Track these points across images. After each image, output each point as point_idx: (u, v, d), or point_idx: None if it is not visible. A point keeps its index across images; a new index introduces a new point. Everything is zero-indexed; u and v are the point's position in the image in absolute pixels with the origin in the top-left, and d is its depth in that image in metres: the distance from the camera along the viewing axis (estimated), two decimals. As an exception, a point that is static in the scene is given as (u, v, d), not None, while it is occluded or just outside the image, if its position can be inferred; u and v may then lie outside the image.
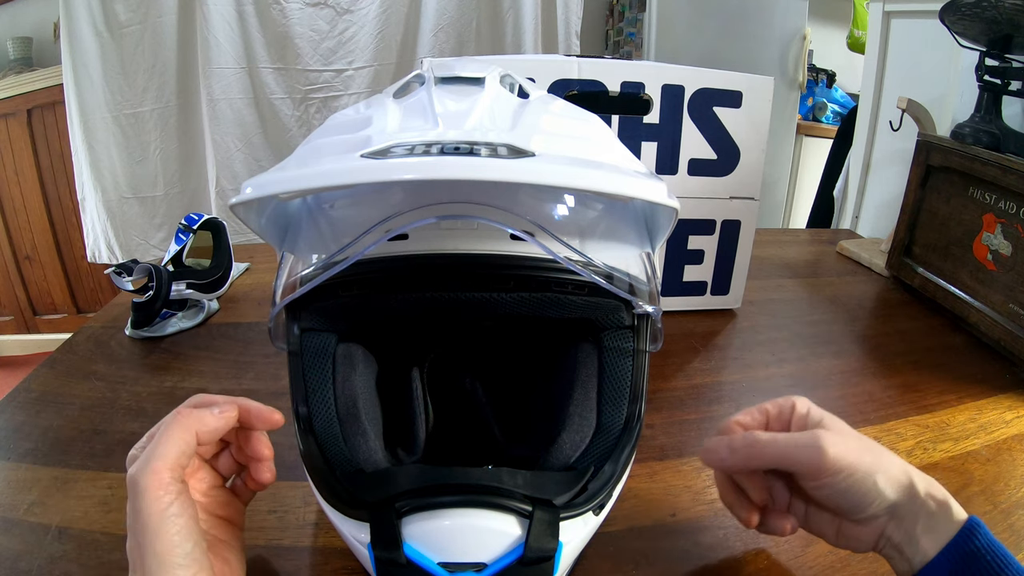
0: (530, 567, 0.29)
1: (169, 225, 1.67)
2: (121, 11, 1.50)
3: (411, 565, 0.28)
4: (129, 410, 0.54)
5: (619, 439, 0.35)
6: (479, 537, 0.29)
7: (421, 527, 0.28)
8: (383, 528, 0.29)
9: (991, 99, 0.73)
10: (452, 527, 0.28)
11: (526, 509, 0.29)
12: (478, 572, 0.28)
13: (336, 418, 0.34)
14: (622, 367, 0.36)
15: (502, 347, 0.45)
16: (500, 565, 0.28)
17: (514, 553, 0.28)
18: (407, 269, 0.32)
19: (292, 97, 1.62)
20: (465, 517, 0.29)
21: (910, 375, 0.63)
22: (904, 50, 1.02)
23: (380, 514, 0.29)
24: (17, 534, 0.40)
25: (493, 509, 0.29)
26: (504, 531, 0.29)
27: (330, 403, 0.35)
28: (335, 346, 0.36)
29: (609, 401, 0.36)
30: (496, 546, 0.28)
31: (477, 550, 0.28)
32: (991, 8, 0.66)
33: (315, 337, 0.35)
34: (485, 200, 0.29)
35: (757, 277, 0.81)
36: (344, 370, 0.36)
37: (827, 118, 2.07)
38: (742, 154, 0.68)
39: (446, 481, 0.29)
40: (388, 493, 0.29)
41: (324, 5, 1.57)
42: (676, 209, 0.30)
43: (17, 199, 1.84)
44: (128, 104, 1.57)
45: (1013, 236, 0.65)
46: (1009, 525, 0.43)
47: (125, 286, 0.65)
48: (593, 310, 0.35)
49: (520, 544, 0.28)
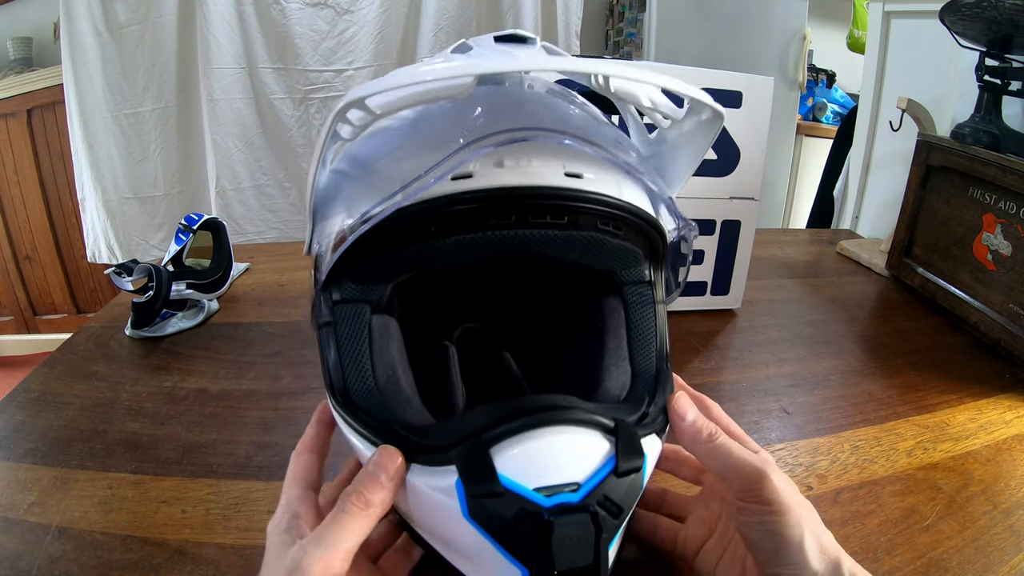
0: (623, 479, 0.29)
1: (169, 225, 1.67)
2: (121, 11, 1.50)
3: (508, 494, 0.27)
4: (129, 410, 0.54)
5: (657, 378, 0.36)
6: (571, 455, 0.29)
7: (512, 454, 0.28)
8: (474, 462, 0.28)
9: (991, 99, 0.73)
10: (544, 448, 0.28)
11: (609, 424, 0.30)
12: (574, 492, 0.28)
13: (376, 388, 0.34)
14: (646, 317, 0.38)
15: (529, 316, 0.46)
16: (594, 482, 0.28)
17: (606, 468, 0.29)
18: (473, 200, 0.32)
19: (292, 97, 1.62)
20: (555, 435, 0.29)
21: (910, 375, 0.63)
22: (904, 50, 1.02)
23: (469, 448, 0.28)
24: (17, 534, 0.40)
25: (580, 425, 0.29)
26: (594, 445, 0.29)
27: (368, 374, 0.34)
28: (369, 316, 0.35)
29: (639, 349, 0.37)
30: (588, 463, 0.29)
31: (570, 469, 0.28)
32: (991, 8, 0.66)
33: (349, 308, 0.35)
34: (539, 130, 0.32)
35: (757, 277, 0.81)
36: (381, 340, 0.35)
37: (827, 118, 2.07)
38: (742, 154, 0.68)
39: (527, 407, 0.29)
40: (471, 428, 0.29)
41: (324, 5, 1.57)
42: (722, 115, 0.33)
43: (17, 199, 1.84)
44: (128, 104, 1.57)
45: (1013, 236, 0.65)
46: (1009, 525, 0.43)
47: (125, 286, 0.65)
48: (623, 258, 0.37)
49: (611, 458, 0.29)
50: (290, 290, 0.78)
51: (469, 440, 0.28)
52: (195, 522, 0.42)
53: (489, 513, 0.27)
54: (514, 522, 0.27)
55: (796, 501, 0.30)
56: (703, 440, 0.33)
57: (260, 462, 0.47)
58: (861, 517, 0.43)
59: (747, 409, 0.56)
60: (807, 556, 0.29)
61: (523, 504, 0.27)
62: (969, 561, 0.40)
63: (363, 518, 0.28)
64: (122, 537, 0.40)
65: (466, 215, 0.32)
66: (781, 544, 0.29)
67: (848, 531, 0.42)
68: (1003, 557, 0.40)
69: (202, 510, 0.43)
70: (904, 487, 0.47)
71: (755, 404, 0.57)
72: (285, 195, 1.69)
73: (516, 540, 0.27)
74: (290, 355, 0.63)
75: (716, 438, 0.33)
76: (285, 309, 0.73)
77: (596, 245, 0.35)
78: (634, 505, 0.30)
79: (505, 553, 0.27)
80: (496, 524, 0.27)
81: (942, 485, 0.47)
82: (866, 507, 0.44)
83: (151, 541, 0.40)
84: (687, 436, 0.34)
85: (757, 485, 0.30)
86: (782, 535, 0.29)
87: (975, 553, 0.41)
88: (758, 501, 0.30)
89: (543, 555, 0.26)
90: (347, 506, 0.28)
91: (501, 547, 0.27)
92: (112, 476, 0.46)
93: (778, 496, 0.30)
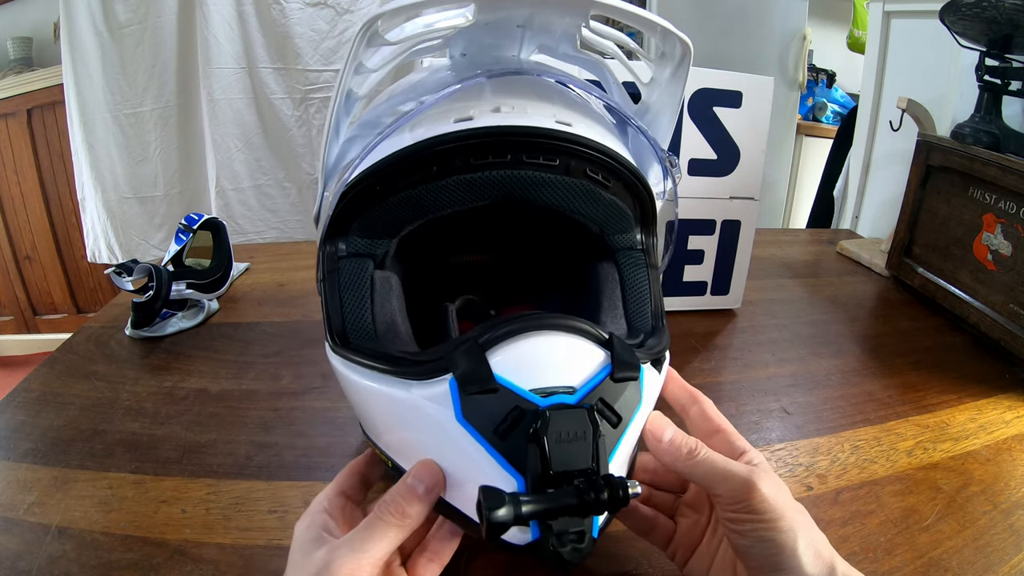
0: (619, 385, 0.29)
1: (169, 225, 1.67)
2: (121, 11, 1.50)
3: (503, 391, 0.27)
4: (129, 410, 0.54)
5: (653, 332, 0.38)
6: (568, 358, 0.29)
7: (509, 355, 0.28)
8: (470, 363, 0.28)
9: (991, 99, 0.73)
10: (541, 350, 0.28)
11: (604, 336, 0.30)
12: (570, 395, 0.27)
13: (375, 333, 0.35)
14: (639, 279, 0.39)
15: (527, 285, 0.47)
16: (590, 385, 0.28)
17: (602, 373, 0.29)
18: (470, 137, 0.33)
19: (292, 97, 1.62)
20: (551, 338, 0.29)
21: (910, 375, 0.63)
22: (904, 50, 1.02)
23: (465, 351, 0.28)
24: (17, 534, 0.40)
25: (576, 333, 0.30)
26: (590, 351, 0.29)
27: (368, 319, 0.35)
28: (372, 270, 0.37)
29: (634, 308, 0.39)
30: (584, 367, 0.29)
31: (566, 372, 0.28)
32: (991, 8, 0.66)
33: (353, 261, 0.36)
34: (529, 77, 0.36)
35: (757, 277, 0.81)
36: (382, 291, 0.37)
37: (827, 118, 2.07)
38: (742, 154, 0.68)
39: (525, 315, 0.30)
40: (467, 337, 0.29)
41: (324, 5, 1.57)
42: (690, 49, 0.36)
43: (17, 199, 1.84)
44: (128, 104, 1.57)
45: (1013, 236, 0.65)
46: (1009, 525, 0.43)
47: (125, 286, 0.65)
48: (614, 217, 0.38)
49: (607, 365, 0.29)
50: (290, 290, 0.78)
51: (465, 343, 0.28)
52: (195, 522, 0.42)
53: (483, 411, 0.27)
54: (508, 421, 0.26)
55: (787, 506, 0.30)
56: (683, 458, 0.32)
57: (260, 462, 0.47)
58: (861, 517, 0.43)
59: (747, 409, 0.56)
60: (801, 562, 0.28)
61: (518, 402, 0.27)
62: (969, 561, 0.40)
63: (397, 528, 0.28)
64: (122, 537, 0.40)
65: (464, 152, 0.34)
66: (774, 550, 0.29)
67: (848, 531, 0.42)
68: (1003, 557, 0.40)
69: (202, 510, 0.43)
70: (904, 487, 0.47)
71: (755, 404, 0.57)
72: (285, 195, 1.69)
73: (510, 443, 0.26)
74: (290, 355, 0.63)
75: (696, 453, 0.32)
76: (285, 309, 0.73)
77: (587, 194, 0.37)
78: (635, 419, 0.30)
79: (498, 457, 0.26)
80: (490, 422, 0.27)
81: (942, 485, 0.47)
82: (866, 507, 0.44)
83: (151, 541, 0.40)
84: (668, 456, 0.33)
85: (745, 496, 0.29)
86: (774, 541, 0.29)
87: (975, 553, 0.41)
88: (748, 511, 0.29)
89: (538, 455, 0.26)
90: (383, 515, 0.28)
91: (495, 450, 0.26)
92: (112, 476, 0.46)
93: (767, 504, 0.29)
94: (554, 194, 0.36)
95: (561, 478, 0.25)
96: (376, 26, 0.31)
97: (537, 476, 0.26)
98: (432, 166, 0.34)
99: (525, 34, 0.40)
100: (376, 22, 0.31)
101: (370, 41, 0.33)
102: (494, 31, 0.39)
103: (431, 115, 0.34)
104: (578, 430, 0.26)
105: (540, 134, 0.34)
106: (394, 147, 0.33)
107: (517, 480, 0.26)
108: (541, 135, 0.34)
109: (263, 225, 1.69)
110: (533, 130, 0.34)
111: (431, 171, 0.34)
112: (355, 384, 0.33)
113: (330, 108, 0.34)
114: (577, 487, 0.25)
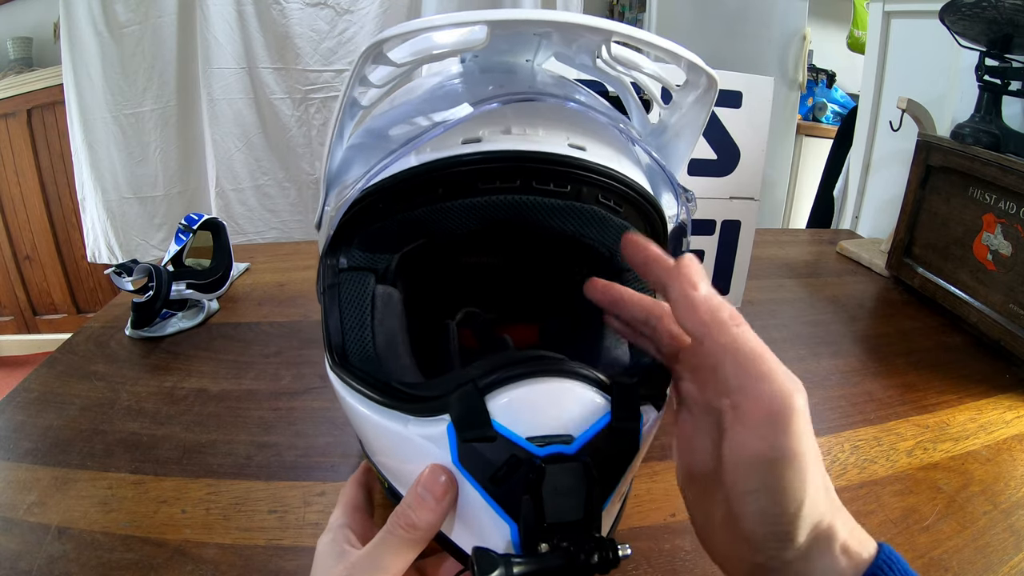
0: (619, 436, 0.28)
1: (169, 225, 1.67)
2: (121, 11, 1.50)
3: (501, 439, 0.27)
4: (129, 410, 0.54)
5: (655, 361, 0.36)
6: (566, 407, 0.28)
7: (507, 401, 0.28)
8: (468, 407, 0.27)
9: (991, 99, 0.73)
10: (539, 398, 0.28)
11: (605, 381, 0.29)
12: (567, 444, 0.27)
13: (374, 352, 0.34)
14: None
15: (530, 302, 0.47)
16: (588, 435, 0.28)
17: (601, 422, 0.28)
18: (479, 161, 0.32)
19: (292, 97, 1.62)
20: (551, 385, 0.28)
21: (910, 375, 0.63)
22: (904, 50, 1.02)
23: (464, 394, 0.28)
24: (17, 534, 0.40)
25: (577, 379, 0.29)
26: (590, 399, 0.28)
27: (368, 337, 0.35)
28: (374, 285, 0.36)
29: None
30: (583, 416, 0.28)
31: (565, 420, 0.28)
32: (991, 8, 0.66)
33: (354, 275, 0.36)
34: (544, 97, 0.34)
35: (757, 277, 0.81)
36: (383, 308, 0.36)
37: (827, 118, 2.07)
38: (742, 154, 0.68)
39: (524, 358, 0.29)
40: (466, 378, 0.28)
41: (324, 5, 1.57)
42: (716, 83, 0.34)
43: (17, 199, 1.84)
44: (128, 104, 1.57)
45: (1013, 236, 0.65)
46: (1009, 525, 0.43)
47: (125, 286, 0.65)
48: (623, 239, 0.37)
49: (607, 413, 0.28)
50: (290, 290, 0.78)
51: (464, 387, 0.28)
52: (195, 522, 0.42)
53: (479, 459, 0.27)
54: (504, 469, 0.26)
55: (808, 446, 0.23)
56: (723, 321, 0.24)
57: (260, 462, 0.47)
58: (861, 517, 0.43)
59: (747, 409, 0.56)
60: (797, 527, 0.23)
61: (515, 451, 0.26)
62: (969, 561, 0.40)
63: (410, 542, 0.27)
64: (122, 537, 0.40)
65: (472, 176, 0.33)
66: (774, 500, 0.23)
67: (848, 531, 0.42)
68: (1003, 557, 0.40)
69: (202, 510, 0.43)
70: (904, 487, 0.47)
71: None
72: (285, 195, 1.69)
73: (505, 490, 0.26)
74: (290, 355, 0.63)
75: (741, 324, 0.24)
76: (285, 309, 0.73)
77: (597, 220, 0.36)
78: (630, 469, 0.30)
79: (493, 504, 0.26)
80: (486, 470, 0.26)
81: (942, 485, 0.47)
82: (866, 507, 0.44)
83: (151, 541, 0.40)
84: (700, 311, 0.25)
85: (783, 419, 0.22)
86: (780, 489, 0.23)
87: (975, 553, 0.41)
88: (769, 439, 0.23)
89: (533, 505, 0.26)
90: (394, 528, 0.27)
91: (489, 497, 0.26)
92: (112, 476, 0.46)
93: (794, 443, 0.22)
94: (563, 220, 0.35)
95: (554, 529, 0.26)
96: (380, 49, 0.31)
97: (531, 526, 0.26)
98: (438, 188, 0.33)
99: (542, 43, 0.39)
100: (380, 47, 0.30)
101: (375, 60, 0.32)
102: (510, 36, 0.38)
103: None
104: (573, 483, 0.26)
105: (552, 160, 0.33)
106: (399, 166, 0.33)
107: (510, 527, 0.26)
108: (553, 161, 0.33)
109: (263, 225, 1.69)
110: (545, 156, 0.33)
111: (436, 193, 0.33)
112: (353, 408, 0.32)
113: (334, 115, 0.33)
114: (567, 549, 0.26)
